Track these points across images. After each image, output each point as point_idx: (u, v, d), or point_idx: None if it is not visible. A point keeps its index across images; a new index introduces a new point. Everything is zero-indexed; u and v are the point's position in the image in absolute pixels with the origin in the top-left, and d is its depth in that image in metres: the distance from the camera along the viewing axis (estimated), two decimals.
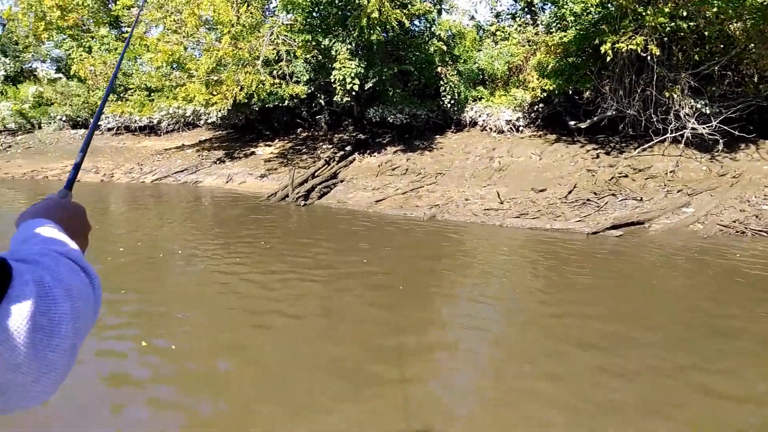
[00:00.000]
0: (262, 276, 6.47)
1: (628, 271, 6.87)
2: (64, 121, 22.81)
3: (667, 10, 9.28)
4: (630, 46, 9.66)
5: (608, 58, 10.07)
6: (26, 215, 0.83)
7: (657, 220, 9.32)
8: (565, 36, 12.39)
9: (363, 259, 7.37)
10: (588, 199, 10.37)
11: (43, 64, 26.01)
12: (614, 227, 8.93)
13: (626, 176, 11.09)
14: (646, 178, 10.91)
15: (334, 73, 13.20)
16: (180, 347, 4.48)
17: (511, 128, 14.49)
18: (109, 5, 21.62)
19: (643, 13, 9.61)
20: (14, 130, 23.01)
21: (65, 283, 0.63)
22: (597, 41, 10.36)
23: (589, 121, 12.36)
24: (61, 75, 23.63)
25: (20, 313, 0.56)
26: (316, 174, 13.99)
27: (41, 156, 19.85)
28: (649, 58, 10.63)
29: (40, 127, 23.00)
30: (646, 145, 11.62)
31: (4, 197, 13.77)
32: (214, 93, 14.65)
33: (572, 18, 12.25)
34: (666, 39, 10.11)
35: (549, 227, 9.24)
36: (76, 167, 1.09)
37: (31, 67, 26.01)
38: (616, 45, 9.77)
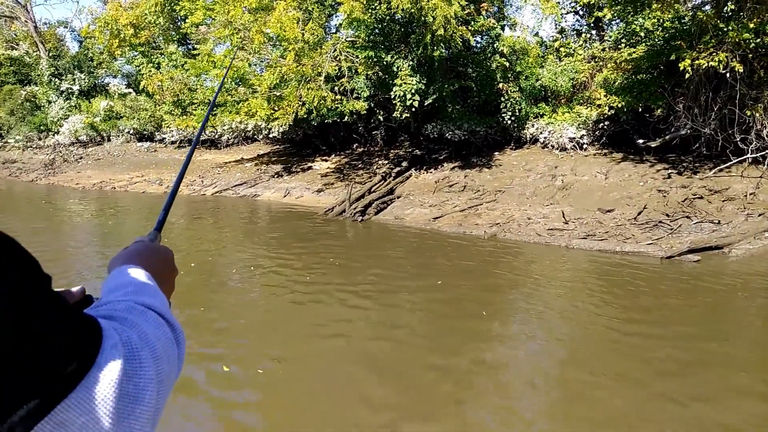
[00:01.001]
0: (342, 293, 6.41)
1: (712, 298, 6.42)
2: (132, 134, 23.82)
3: (752, 25, 8.78)
4: (711, 63, 9.18)
5: (687, 75, 9.60)
6: (117, 260, 0.83)
7: (737, 245, 8.74)
8: (634, 52, 11.97)
9: (426, 277, 7.21)
10: (660, 221, 9.86)
11: (115, 80, 27.33)
12: (691, 251, 8.42)
13: (701, 198, 10.50)
14: (723, 200, 10.29)
15: (394, 89, 13.20)
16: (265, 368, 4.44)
17: (574, 146, 14.06)
18: (179, 23, 22.53)
19: (725, 29, 9.13)
20: (86, 142, 24.22)
21: (152, 344, 0.61)
22: (673, 57, 9.90)
23: (660, 139, 11.82)
24: (130, 90, 24.74)
25: (108, 381, 0.53)
26: (372, 189, 13.96)
27: (110, 167, 20.74)
28: (728, 74, 10.10)
29: (109, 140, 24.10)
30: (723, 166, 10.99)
31: (76, 207, 14.40)
32: (276, 108, 14.93)
33: (643, 34, 11.86)
34: (751, 56, 9.56)
35: (619, 249, 8.81)
36: (166, 209, 1.11)
37: (103, 82, 27.38)
38: (696, 62, 9.31)
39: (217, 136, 21.21)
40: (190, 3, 18.71)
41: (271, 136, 19.18)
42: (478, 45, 15.73)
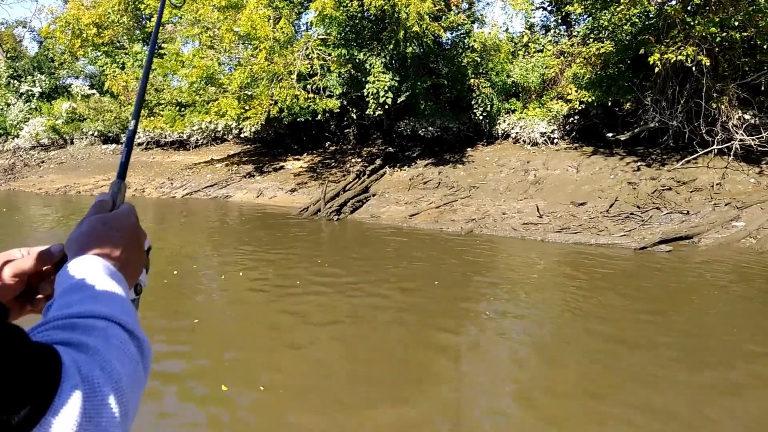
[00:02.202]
0: (321, 293, 6.32)
1: (687, 288, 6.56)
2: (96, 137, 23.18)
3: (717, 19, 9.00)
4: (679, 57, 9.38)
5: (657, 69, 9.79)
6: (72, 244, 0.75)
7: (706, 234, 8.97)
8: (602, 47, 12.16)
9: (405, 275, 7.18)
10: (631, 213, 10.05)
11: (77, 80, 26.56)
12: (662, 242, 8.60)
13: (670, 189, 10.74)
14: (691, 191, 10.55)
15: (367, 86, 13.15)
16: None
17: (545, 140, 14.24)
18: (143, 22, 22.01)
19: (692, 23, 9.34)
20: (47, 146, 23.46)
21: (116, 376, 0.56)
22: (642, 52, 10.09)
23: (629, 132, 12.05)
24: (94, 91, 24.07)
25: (64, 426, 0.48)
26: (347, 188, 13.88)
27: (73, 171, 20.15)
28: (694, 68, 10.34)
29: (72, 143, 23.41)
30: (690, 158, 11.26)
31: (39, 214, 13.94)
32: (247, 108, 14.71)
33: (610, 29, 12.04)
34: (717, 49, 9.80)
35: (594, 242, 8.94)
36: (128, 146, 0.98)
37: (65, 83, 26.58)
38: (665, 56, 9.49)
39: (185, 137, 20.79)
40: (156, 1, 18.28)
41: (242, 135, 18.88)
42: (449, 41, 15.79)
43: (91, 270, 0.70)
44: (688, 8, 10.45)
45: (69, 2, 22.69)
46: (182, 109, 19.62)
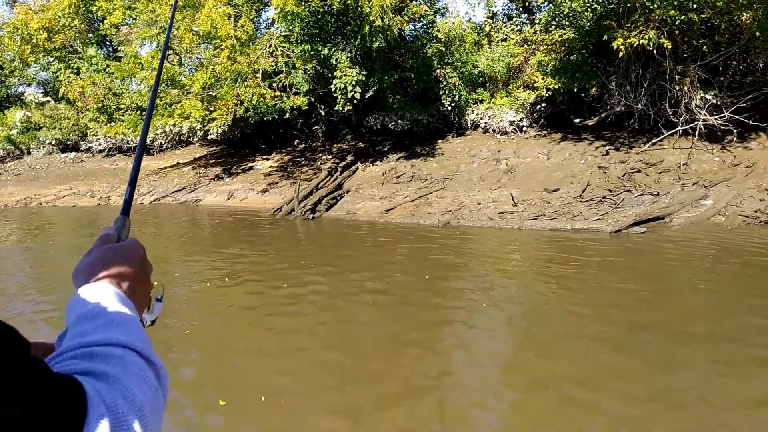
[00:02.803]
0: (308, 297, 6.22)
1: (665, 267, 6.70)
2: (54, 145, 22.38)
3: (676, 2, 9.20)
4: (642, 41, 9.56)
5: (621, 54, 9.96)
6: (81, 273, 0.76)
7: (677, 214, 9.20)
8: (564, 33, 12.31)
9: (389, 268, 7.14)
10: (604, 197, 10.23)
11: (30, 88, 25.57)
12: (636, 224, 8.78)
13: (639, 171, 10.97)
14: (660, 173, 10.80)
15: (334, 81, 13.01)
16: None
17: (514, 129, 14.37)
18: (96, 24, 21.28)
19: (652, 6, 9.52)
20: (3, 157, 22.55)
21: (138, 404, 0.57)
22: (605, 37, 10.24)
23: (596, 117, 12.25)
24: (48, 98, 23.21)
25: None
26: (320, 186, 13.75)
27: (33, 182, 19.42)
28: (655, 51, 10.56)
29: (29, 153, 22.55)
30: (656, 139, 11.52)
31: (2, 228, 13.37)
32: (212, 109, 14.39)
33: (572, 15, 12.19)
34: (677, 32, 10.03)
35: (570, 227, 9.07)
36: (132, 185, 1.03)
37: (17, 91, 25.55)
38: (628, 40, 9.66)
39: (149, 142, 20.24)
40: (108, 3, 17.69)
41: (208, 137, 18.48)
42: (413, 33, 15.76)
43: (103, 296, 0.71)
44: None
45: (16, 7, 21.79)
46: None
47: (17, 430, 0.43)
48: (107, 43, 22.32)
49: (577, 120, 13.06)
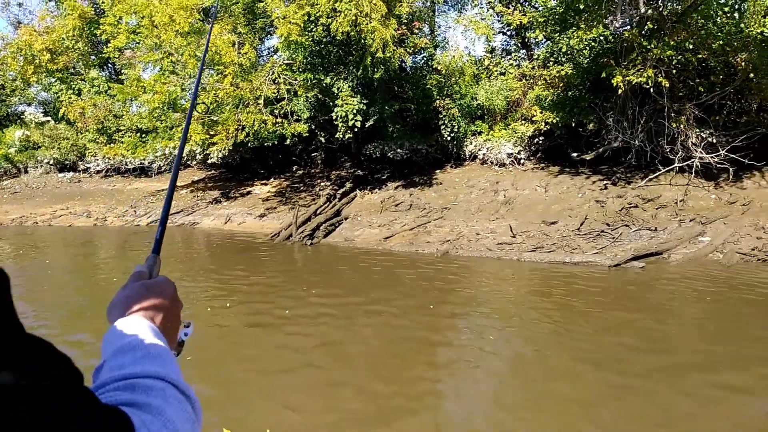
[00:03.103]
0: (311, 324, 6.18)
1: (665, 303, 6.72)
2: (51, 165, 22.37)
3: (673, 42, 9.43)
4: (640, 79, 9.77)
5: (620, 91, 10.16)
6: (116, 308, 0.79)
7: (675, 250, 9.26)
8: (562, 69, 12.56)
9: (387, 297, 7.12)
10: (602, 231, 10.29)
11: (30, 107, 25.67)
12: (635, 258, 8.83)
13: (636, 206, 11.08)
14: (657, 208, 10.90)
15: (336, 110, 13.17)
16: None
17: (512, 161, 14.52)
18: (99, 47, 21.52)
19: (649, 46, 9.75)
20: (0, 175, 22.49)
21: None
22: (604, 75, 10.46)
23: (593, 152, 12.41)
24: (48, 118, 23.29)
25: None
26: (318, 212, 13.77)
27: (29, 201, 19.33)
28: (652, 89, 10.77)
29: (26, 171, 22.52)
30: (653, 175, 11.67)
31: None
32: (212, 133, 14.49)
33: (570, 52, 12.47)
34: (674, 71, 10.26)
35: (569, 260, 9.10)
36: (162, 224, 1.06)
37: (17, 110, 25.64)
38: (627, 77, 9.87)
39: (147, 164, 20.29)
40: (113, 27, 17.93)
41: (208, 161, 18.53)
42: (414, 65, 16.03)
43: (139, 329, 0.73)
44: (643, 33, 10.94)
45: (20, 28, 22.02)
46: (143, 135, 19.18)
47: None
48: (109, 65, 22.53)
49: (575, 154, 13.22)
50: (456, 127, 14.84)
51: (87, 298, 7.80)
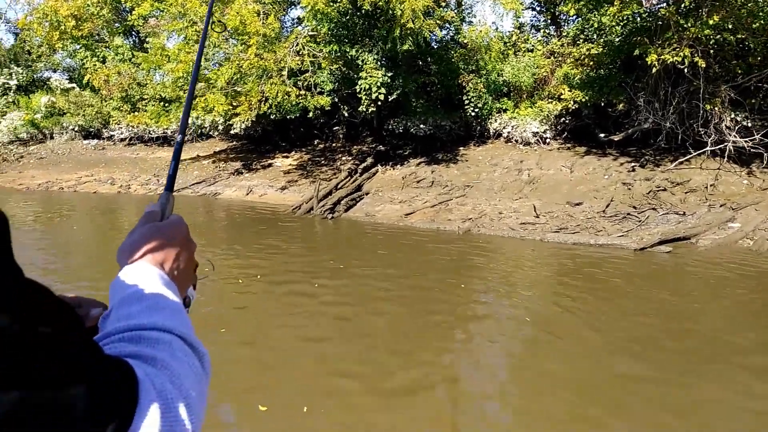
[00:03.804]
0: (327, 294, 6.20)
1: (695, 290, 6.60)
2: (77, 132, 22.58)
3: (711, 22, 9.09)
4: (676, 58, 9.45)
5: (654, 70, 9.86)
6: (125, 252, 0.74)
7: (704, 235, 9.06)
8: (592, 47, 12.23)
9: (408, 275, 7.10)
10: (628, 214, 10.12)
11: (56, 74, 25.84)
12: (662, 242, 8.67)
13: (664, 190, 10.85)
14: (686, 192, 10.66)
15: (360, 82, 13.02)
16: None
17: (537, 140, 14.27)
18: (124, 15, 21.49)
19: (686, 25, 9.42)
20: (26, 140, 22.78)
21: (185, 388, 0.57)
22: (637, 52, 10.15)
23: (622, 133, 12.13)
24: (74, 85, 23.43)
25: None
26: (339, 186, 13.74)
27: (54, 167, 19.59)
28: (686, 70, 10.44)
29: (52, 137, 22.76)
30: (683, 159, 11.38)
31: (22, 211, 13.50)
32: (235, 104, 14.44)
33: (600, 30, 12.11)
34: (711, 51, 9.91)
35: (593, 242, 8.97)
36: (176, 159, 1.00)
37: (43, 76, 25.83)
38: (662, 56, 9.56)
39: (170, 133, 20.38)
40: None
41: (231, 132, 18.56)
42: (439, 38, 15.72)
43: (147, 278, 0.69)
44: (680, 10, 10.55)
45: None
46: (166, 104, 19.23)
47: (76, 410, 0.43)
48: (134, 33, 22.50)
49: (602, 135, 12.95)
50: (481, 103, 14.60)
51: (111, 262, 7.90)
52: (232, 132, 18.48)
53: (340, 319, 5.48)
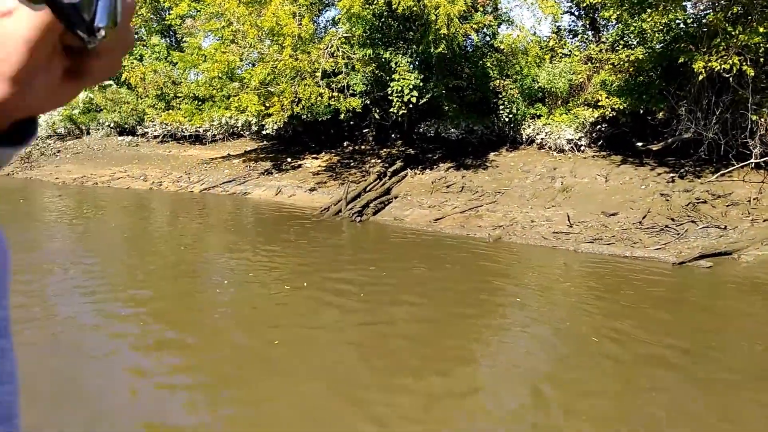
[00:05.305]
0: (382, 306, 6.12)
1: (735, 308, 6.31)
2: (112, 128, 23.05)
3: (762, 29, 8.73)
4: (724, 66, 9.11)
5: (701, 77, 9.52)
6: None
7: (746, 251, 8.69)
8: (632, 54, 11.90)
9: (438, 281, 6.97)
10: (666, 226, 9.78)
11: None
12: (702, 257, 8.34)
13: (705, 202, 10.46)
14: (728, 205, 10.26)
15: (392, 84, 12.93)
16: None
17: (572, 147, 13.96)
18: (162, 14, 21.86)
19: (734, 32, 9.07)
20: (63, 135, 23.35)
21: None
22: (682, 59, 9.82)
23: (662, 143, 11.76)
24: (111, 82, 23.91)
25: None
26: (368, 189, 13.66)
27: (90, 162, 20.01)
28: (731, 79, 10.06)
29: (88, 133, 23.29)
30: (725, 171, 10.98)
31: (55, 205, 13.80)
32: (267, 105, 14.50)
33: (641, 36, 11.78)
34: (761, 59, 9.53)
35: (629, 255, 8.69)
36: None
37: None
38: (710, 64, 9.23)
39: (202, 132, 20.63)
40: None
41: (263, 132, 18.69)
42: (474, 42, 15.53)
43: None
44: (728, 17, 10.17)
45: None
46: (200, 103, 19.47)
47: None
48: (171, 32, 22.87)
49: (640, 144, 12.59)
50: (514, 109, 14.36)
51: (144, 260, 7.98)
52: (264, 132, 18.61)
53: (362, 324, 5.38)
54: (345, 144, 19.01)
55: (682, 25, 10.90)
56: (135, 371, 4.36)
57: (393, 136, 18.31)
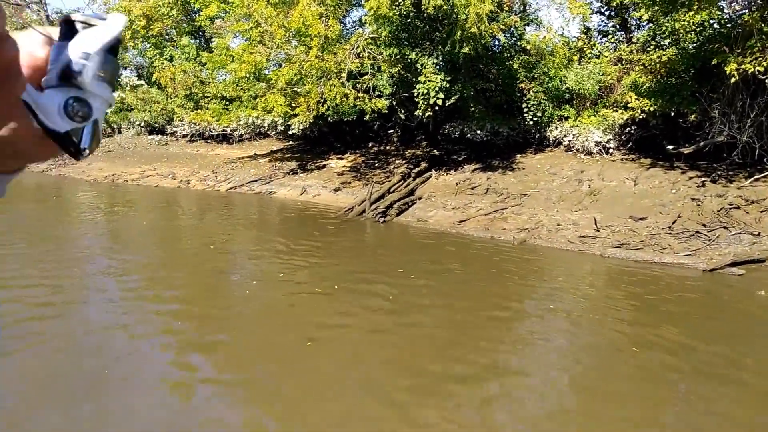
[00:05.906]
0: (409, 300, 6.13)
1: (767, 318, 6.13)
2: (143, 127, 23.53)
3: None
4: (758, 68, 8.85)
5: (733, 80, 9.27)
6: None
7: None
8: (664, 54, 11.65)
9: (462, 282, 6.93)
10: (697, 232, 9.54)
11: (126, 71, 27.01)
12: (734, 264, 8.12)
13: (738, 208, 10.18)
14: (762, 211, 9.96)
15: (418, 86, 12.91)
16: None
17: (600, 150, 13.73)
18: (192, 15, 22.23)
19: None
20: None
21: None
22: (715, 61, 9.57)
23: (693, 146, 11.49)
24: (142, 82, 24.43)
25: None
26: (392, 189, 13.66)
27: (121, 160, 20.45)
28: (766, 80, 9.76)
29: (120, 132, 23.81)
30: (760, 175, 10.67)
31: (86, 202, 14.13)
32: (294, 105, 14.61)
33: (675, 36, 11.53)
34: None
35: (658, 260, 8.51)
36: None
37: None
38: (743, 66, 8.98)
39: (230, 131, 20.92)
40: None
41: (290, 132, 18.85)
42: (500, 43, 15.40)
43: None
44: (764, 16, 9.87)
45: None
46: (227, 103, 19.74)
47: None
48: (200, 33, 23.23)
49: (671, 147, 12.31)
50: (541, 111, 14.20)
51: (166, 254, 8.11)
52: (291, 132, 18.77)
53: (375, 331, 5.38)
54: (370, 144, 19.05)
55: (716, 26, 10.61)
56: (167, 370, 4.43)
57: (418, 137, 18.29)
